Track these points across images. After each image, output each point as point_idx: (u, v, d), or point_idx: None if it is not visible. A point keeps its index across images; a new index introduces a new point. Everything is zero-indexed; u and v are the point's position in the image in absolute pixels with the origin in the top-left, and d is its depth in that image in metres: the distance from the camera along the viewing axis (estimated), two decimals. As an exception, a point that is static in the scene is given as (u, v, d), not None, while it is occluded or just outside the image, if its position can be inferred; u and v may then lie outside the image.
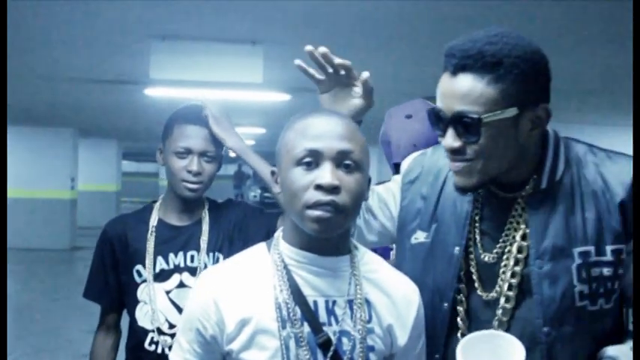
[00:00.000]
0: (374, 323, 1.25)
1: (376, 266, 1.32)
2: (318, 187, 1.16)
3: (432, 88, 1.36)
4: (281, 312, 1.21)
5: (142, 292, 1.92)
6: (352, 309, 1.24)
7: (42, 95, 7.75)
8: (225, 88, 4.87)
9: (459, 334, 1.34)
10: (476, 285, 1.35)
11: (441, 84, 1.27)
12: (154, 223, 1.96)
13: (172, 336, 1.82)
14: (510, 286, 1.30)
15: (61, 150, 12.48)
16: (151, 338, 1.90)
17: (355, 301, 1.24)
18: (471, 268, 1.36)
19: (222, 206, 2.08)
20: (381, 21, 3.94)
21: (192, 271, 1.91)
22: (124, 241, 1.96)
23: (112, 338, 2.03)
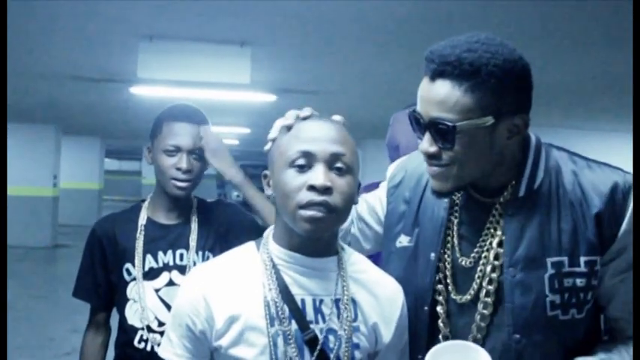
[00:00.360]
0: (359, 322, 1.29)
1: (362, 266, 1.36)
2: (311, 188, 1.19)
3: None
4: (269, 310, 1.24)
5: (132, 291, 1.93)
6: (339, 308, 1.27)
7: (25, 92, 7.69)
8: (212, 88, 4.89)
9: (440, 337, 1.35)
10: (450, 288, 1.36)
11: (421, 88, 1.26)
12: (143, 222, 1.97)
13: (162, 334, 1.82)
14: (488, 293, 1.31)
15: (43, 147, 12.37)
16: (141, 336, 1.91)
17: (342, 300, 1.28)
18: (447, 272, 1.36)
19: (212, 206, 2.10)
20: (369, 22, 3.97)
21: (182, 270, 1.92)
22: (113, 240, 1.97)
23: (102, 336, 2.03)
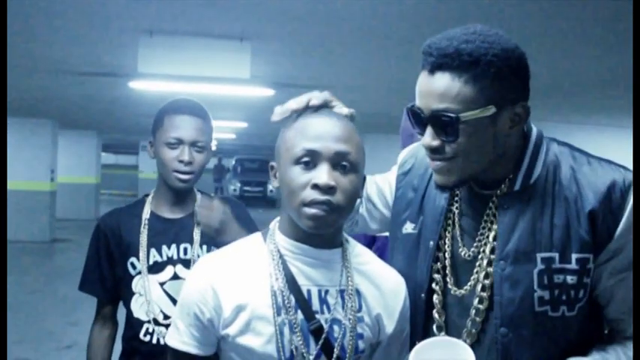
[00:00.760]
0: (363, 312, 1.32)
1: (366, 258, 1.39)
2: (315, 187, 1.21)
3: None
4: (276, 299, 1.26)
5: (137, 284, 1.96)
6: (343, 298, 1.30)
7: (23, 87, 7.69)
8: (212, 83, 4.90)
9: (434, 327, 1.37)
10: (447, 279, 1.36)
11: (419, 82, 1.25)
12: (147, 216, 2.00)
13: (167, 327, 1.84)
14: (484, 287, 1.31)
15: (40, 142, 12.36)
16: (146, 329, 1.94)
17: (346, 291, 1.30)
18: (446, 262, 1.37)
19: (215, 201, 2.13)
20: (369, 17, 3.98)
21: (186, 264, 1.94)
22: (118, 234, 1.99)
23: (109, 329, 2.06)
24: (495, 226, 1.31)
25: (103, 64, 5.84)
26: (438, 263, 1.38)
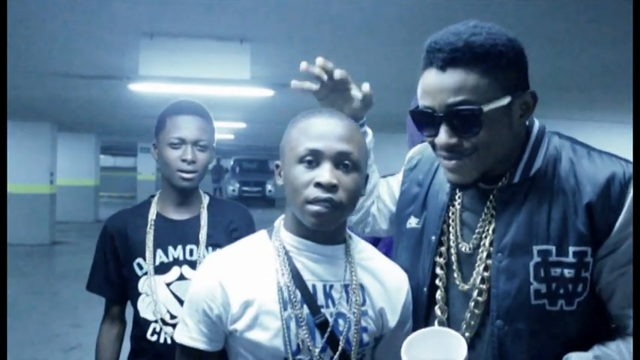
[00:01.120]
0: (367, 306, 1.36)
1: (369, 254, 1.43)
2: (318, 185, 1.25)
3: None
4: (282, 294, 1.30)
5: (144, 285, 1.98)
6: (348, 293, 1.34)
7: (23, 90, 7.69)
8: (213, 84, 4.93)
9: (436, 322, 1.37)
10: (455, 275, 1.36)
11: (427, 81, 1.23)
12: (153, 217, 2.02)
13: (174, 326, 1.85)
14: (483, 280, 1.30)
15: (39, 144, 12.34)
16: (153, 329, 1.96)
17: (350, 285, 1.34)
18: (452, 258, 1.37)
19: (223, 203, 2.14)
20: (369, 17, 4.00)
21: (192, 265, 1.97)
22: (124, 235, 2.01)
23: (117, 328, 2.09)
24: (494, 218, 1.31)
25: (104, 66, 5.86)
26: (442, 259, 1.38)
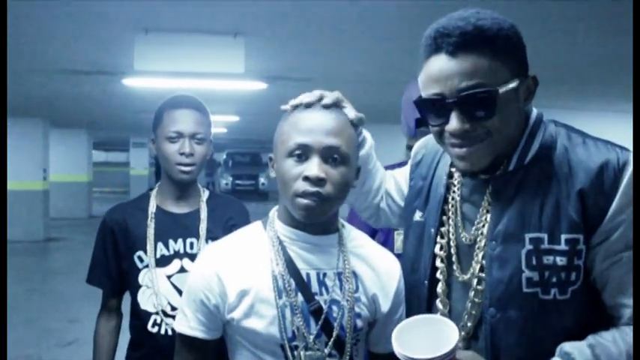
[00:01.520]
0: (360, 293, 1.39)
1: (361, 242, 1.47)
2: (306, 179, 1.28)
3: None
4: (277, 283, 1.33)
5: (144, 277, 2.01)
6: (341, 280, 1.37)
7: (15, 86, 7.67)
8: (207, 78, 4.94)
9: (438, 314, 1.36)
10: (454, 267, 1.36)
11: (435, 68, 1.22)
12: (153, 210, 2.04)
13: (175, 318, 1.92)
14: (482, 268, 1.30)
15: (32, 141, 12.31)
16: (154, 320, 1.99)
17: (343, 273, 1.38)
18: (452, 250, 1.37)
19: (222, 199, 2.17)
20: (363, 10, 4.02)
21: (192, 258, 1.98)
22: (124, 228, 2.03)
23: (114, 321, 2.11)
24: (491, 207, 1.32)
25: (99, 62, 5.86)
26: (442, 251, 1.38)
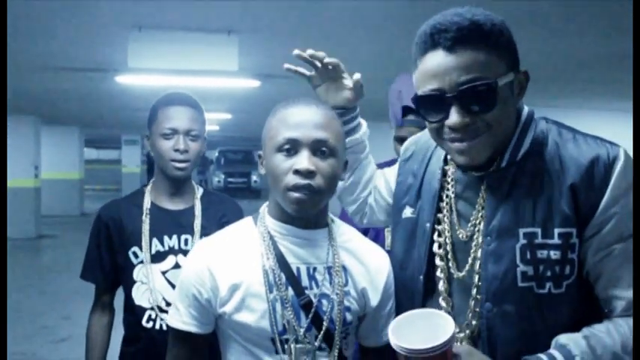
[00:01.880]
0: (350, 287, 1.41)
1: (351, 236, 1.49)
2: (297, 172, 1.31)
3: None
4: (268, 277, 1.36)
5: (139, 273, 2.02)
6: (331, 274, 1.39)
7: (7, 83, 7.66)
8: (201, 75, 4.96)
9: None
10: (450, 264, 1.37)
11: (433, 63, 1.23)
12: (148, 206, 2.06)
13: None
14: (480, 265, 1.31)
15: (24, 138, 12.27)
16: (149, 315, 2.01)
17: (333, 267, 1.40)
18: (447, 247, 1.38)
19: (216, 196, 2.20)
20: (356, 8, 4.03)
21: (187, 254, 1.95)
22: (119, 224, 2.05)
23: (107, 317, 2.12)
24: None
25: (92, 59, 5.85)
26: (441, 249, 1.38)
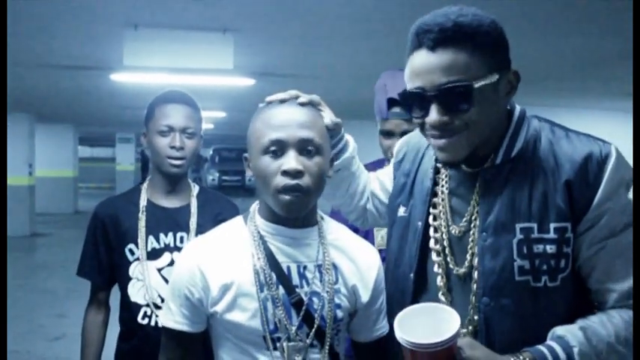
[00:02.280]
0: (340, 284, 1.42)
1: (340, 234, 1.49)
2: (285, 173, 1.31)
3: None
4: (259, 277, 1.36)
5: (134, 270, 2.03)
6: (321, 272, 1.40)
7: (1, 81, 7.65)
8: (196, 74, 4.96)
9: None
10: (448, 259, 1.39)
11: (416, 62, 1.27)
12: (144, 203, 2.07)
13: None
14: (478, 260, 1.33)
15: (18, 136, 12.24)
16: (144, 312, 2.02)
17: (323, 265, 1.40)
18: (444, 242, 1.40)
19: (212, 194, 2.21)
20: (351, 7, 4.05)
21: None
22: (116, 221, 2.06)
23: (103, 314, 2.13)
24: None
25: (88, 57, 5.85)
26: (437, 245, 1.40)
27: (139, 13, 4.25)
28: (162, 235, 2.05)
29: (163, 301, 1.96)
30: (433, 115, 1.27)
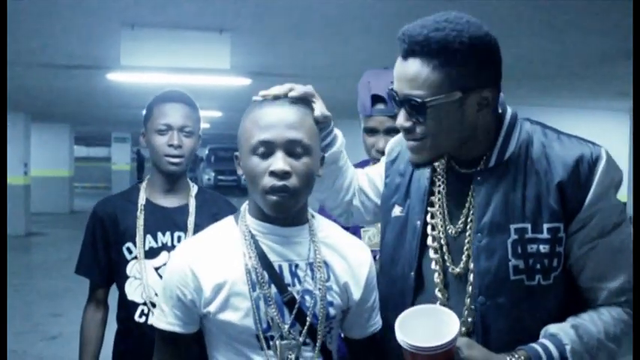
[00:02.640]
0: (332, 282, 1.42)
1: (331, 232, 1.49)
2: (272, 174, 1.31)
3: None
4: (251, 276, 1.36)
5: (132, 268, 2.05)
6: (313, 270, 1.40)
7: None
8: (193, 74, 4.97)
9: (437, 304, 1.39)
10: (445, 257, 1.41)
11: (395, 67, 1.32)
12: (143, 202, 2.09)
13: None
14: (473, 260, 1.36)
15: (13, 135, 12.19)
16: (141, 311, 2.03)
17: (315, 263, 1.41)
18: (442, 241, 1.42)
19: (210, 195, 2.22)
20: (346, 8, 4.06)
21: None
22: (114, 220, 2.07)
23: (101, 312, 2.14)
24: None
25: (85, 57, 5.85)
26: (435, 243, 1.43)
27: (136, 13, 4.26)
28: (160, 234, 2.06)
29: (160, 299, 1.99)
30: (400, 118, 1.34)
